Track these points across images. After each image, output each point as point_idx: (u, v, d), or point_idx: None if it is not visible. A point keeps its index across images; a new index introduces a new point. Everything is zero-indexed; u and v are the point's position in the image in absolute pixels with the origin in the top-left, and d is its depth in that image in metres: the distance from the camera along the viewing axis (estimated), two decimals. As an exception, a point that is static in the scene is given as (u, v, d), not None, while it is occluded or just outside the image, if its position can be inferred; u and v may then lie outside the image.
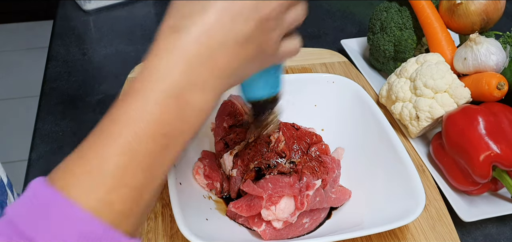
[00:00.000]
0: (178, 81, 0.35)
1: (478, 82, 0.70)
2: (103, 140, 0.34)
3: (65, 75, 0.89)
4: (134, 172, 0.34)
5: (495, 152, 0.61)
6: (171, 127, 0.35)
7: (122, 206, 0.34)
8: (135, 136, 0.34)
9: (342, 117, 0.72)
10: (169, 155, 0.36)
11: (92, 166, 0.33)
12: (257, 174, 0.60)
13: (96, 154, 0.34)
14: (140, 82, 0.35)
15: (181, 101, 0.35)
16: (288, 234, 0.58)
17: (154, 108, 0.34)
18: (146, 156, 0.34)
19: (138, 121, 0.34)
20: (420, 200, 0.56)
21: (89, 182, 0.33)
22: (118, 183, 0.33)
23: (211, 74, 0.36)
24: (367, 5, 1.15)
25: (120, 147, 0.33)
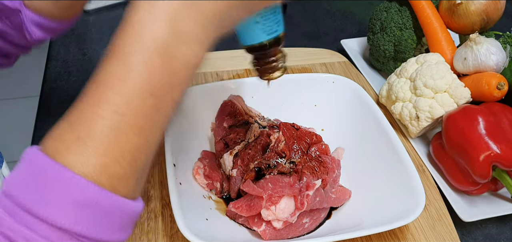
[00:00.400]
0: (162, 36, 0.33)
1: (478, 82, 0.70)
2: (89, 105, 0.33)
3: (65, 75, 0.89)
4: (125, 134, 0.33)
5: (495, 152, 0.61)
6: (159, 85, 0.33)
7: (117, 169, 0.33)
8: (122, 98, 0.33)
9: (342, 117, 0.72)
10: (160, 114, 0.35)
11: (81, 132, 0.32)
12: (257, 174, 0.60)
13: (84, 119, 0.33)
14: (122, 41, 0.34)
15: (166, 57, 0.33)
16: (288, 234, 0.58)
17: (139, 67, 0.33)
18: (136, 116, 0.33)
19: (124, 82, 0.33)
20: (420, 200, 0.56)
21: (80, 148, 0.32)
22: (109, 146, 0.32)
23: (196, 23, 0.34)
24: (367, 5, 1.15)
25: (107, 110, 0.32)
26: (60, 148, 0.32)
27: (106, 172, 0.32)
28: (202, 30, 0.35)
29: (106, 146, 0.32)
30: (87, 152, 0.32)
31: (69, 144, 0.32)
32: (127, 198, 0.33)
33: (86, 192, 0.31)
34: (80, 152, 0.32)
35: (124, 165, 0.33)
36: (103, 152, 0.32)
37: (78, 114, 0.34)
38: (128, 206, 0.33)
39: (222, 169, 0.65)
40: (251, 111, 0.70)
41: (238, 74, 0.85)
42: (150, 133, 0.34)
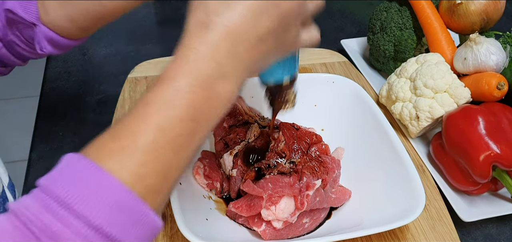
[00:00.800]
0: (207, 72, 0.38)
1: (478, 82, 0.70)
2: (136, 120, 0.36)
3: (65, 75, 0.89)
4: (164, 151, 0.36)
5: (495, 152, 0.61)
6: (199, 112, 0.38)
7: (152, 181, 0.36)
8: (167, 118, 0.36)
9: (342, 117, 0.72)
10: (195, 139, 0.38)
11: (125, 142, 0.35)
12: (257, 174, 0.60)
13: (129, 131, 0.36)
14: (173, 71, 0.38)
15: (209, 90, 0.38)
16: (288, 234, 0.58)
17: (185, 95, 0.37)
18: (176, 137, 0.37)
19: (170, 105, 0.37)
20: (420, 200, 0.56)
21: (122, 155, 0.35)
22: (149, 158, 0.35)
23: (235, 66, 0.39)
24: (367, 5, 1.15)
25: (152, 126, 0.36)
26: (102, 154, 0.35)
27: (142, 182, 0.35)
28: (238, 72, 0.40)
29: (145, 158, 0.35)
30: (128, 161, 0.35)
31: (112, 151, 0.35)
32: (154, 212, 0.36)
33: (121, 196, 0.33)
34: (121, 159, 0.35)
35: (158, 178, 0.36)
36: (142, 163, 0.35)
37: (124, 127, 0.36)
38: (154, 220, 0.36)
39: (222, 169, 0.65)
40: (251, 111, 0.70)
41: (238, 74, 0.85)
42: (184, 153, 0.38)
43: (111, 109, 0.77)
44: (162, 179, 0.36)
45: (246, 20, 0.39)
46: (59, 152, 0.73)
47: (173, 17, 1.08)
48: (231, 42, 0.39)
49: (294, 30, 0.43)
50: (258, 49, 0.40)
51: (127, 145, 0.35)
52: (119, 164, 0.34)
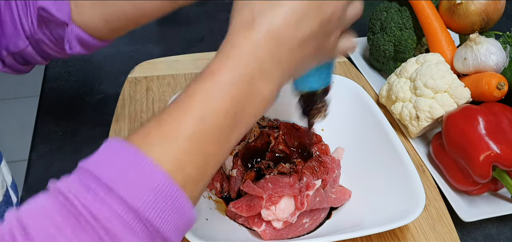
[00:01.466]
0: (250, 69, 0.39)
1: (478, 82, 0.70)
2: (180, 110, 0.37)
3: (65, 75, 0.89)
4: (205, 142, 0.37)
5: (495, 152, 0.61)
6: (241, 108, 0.39)
7: (192, 170, 0.36)
8: (209, 110, 0.37)
9: (342, 117, 0.72)
10: (235, 133, 0.39)
11: (168, 130, 0.36)
12: (257, 174, 0.60)
13: (173, 120, 0.37)
14: (217, 65, 0.39)
15: (251, 87, 0.39)
16: (288, 234, 0.58)
17: (229, 89, 0.38)
18: (217, 129, 0.37)
19: (213, 97, 0.37)
20: (420, 200, 0.56)
21: (165, 143, 0.36)
22: (191, 148, 0.36)
23: (276, 67, 0.40)
24: (367, 5, 1.14)
25: (195, 117, 0.37)
26: (145, 141, 0.36)
27: (182, 171, 0.36)
28: (280, 74, 0.41)
29: (187, 147, 0.36)
30: (170, 149, 0.36)
31: (155, 139, 0.36)
32: (192, 202, 0.36)
33: (162, 182, 0.34)
34: (164, 147, 0.36)
35: (198, 168, 0.37)
36: (184, 152, 0.36)
37: (167, 117, 0.37)
38: (191, 211, 0.36)
39: (222, 169, 0.65)
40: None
41: (238, 74, 0.85)
42: (223, 147, 0.39)
43: (111, 110, 0.77)
44: (202, 170, 0.37)
45: (289, 22, 0.39)
46: (59, 152, 0.73)
47: (173, 17, 1.08)
48: (274, 43, 0.39)
49: (334, 36, 0.44)
50: (299, 53, 0.41)
51: (170, 133, 0.36)
52: (161, 152, 0.35)
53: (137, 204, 0.33)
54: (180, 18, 1.07)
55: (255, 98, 0.39)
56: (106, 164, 0.34)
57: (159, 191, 0.34)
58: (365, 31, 0.92)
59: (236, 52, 0.39)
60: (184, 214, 0.35)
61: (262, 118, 0.70)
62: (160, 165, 0.34)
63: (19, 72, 0.62)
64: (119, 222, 0.32)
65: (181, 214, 0.35)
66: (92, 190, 0.33)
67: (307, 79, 0.51)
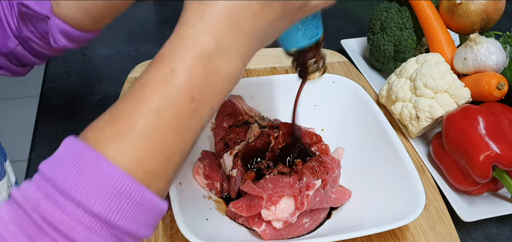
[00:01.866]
0: (206, 48, 0.36)
1: (478, 82, 0.70)
2: (132, 102, 0.36)
3: (65, 75, 0.89)
4: (163, 133, 0.35)
5: (495, 152, 0.61)
6: (199, 92, 0.36)
7: (152, 165, 0.35)
8: (164, 99, 0.35)
9: (342, 117, 0.72)
10: (197, 119, 0.37)
11: (122, 126, 0.35)
12: (257, 174, 0.60)
13: (126, 114, 0.35)
14: (169, 49, 0.36)
15: (208, 68, 0.36)
16: (288, 234, 0.58)
17: (182, 74, 0.35)
18: (175, 118, 0.35)
19: (166, 85, 0.35)
20: (420, 200, 0.56)
21: (120, 140, 0.34)
22: (148, 142, 0.34)
23: (237, 39, 0.37)
24: (367, 5, 1.15)
25: (149, 108, 0.35)
26: (101, 139, 0.34)
27: (142, 167, 0.34)
28: (243, 45, 0.38)
29: (144, 142, 0.34)
30: (126, 146, 0.34)
31: (110, 136, 0.34)
32: (157, 196, 0.35)
33: (121, 183, 0.33)
34: (120, 144, 0.34)
35: (158, 161, 0.35)
36: (141, 147, 0.34)
37: (121, 110, 0.36)
38: (157, 203, 0.35)
39: (222, 169, 0.65)
40: (251, 111, 0.70)
41: (238, 74, 0.85)
42: (186, 135, 0.37)
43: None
44: (164, 162, 0.35)
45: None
46: (59, 152, 0.73)
47: (173, 17, 1.08)
48: (230, 13, 0.36)
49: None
50: (262, 17, 0.38)
51: (125, 129, 0.34)
52: (118, 150, 0.34)
53: (97, 208, 0.32)
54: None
55: (216, 77, 0.37)
56: (64, 168, 0.33)
57: (119, 191, 0.33)
58: (365, 31, 0.92)
59: (189, 31, 0.36)
60: (150, 208, 0.34)
61: (262, 118, 0.70)
62: (118, 164, 0.33)
63: (17, 74, 0.62)
64: (82, 228, 0.31)
65: (146, 209, 0.34)
66: (51, 197, 0.32)
67: (292, 37, 0.48)
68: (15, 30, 0.56)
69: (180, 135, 0.36)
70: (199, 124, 0.37)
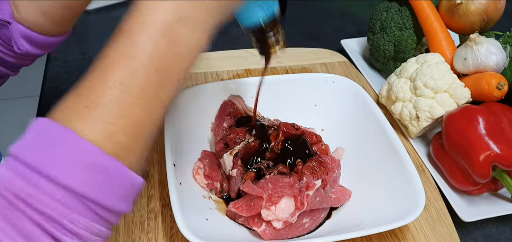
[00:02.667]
0: (167, 19, 0.36)
1: (478, 82, 0.70)
2: (97, 77, 0.36)
3: (65, 75, 0.89)
4: (130, 106, 0.35)
5: (495, 152, 0.61)
6: (163, 62, 0.36)
7: (122, 137, 0.35)
8: (127, 71, 0.35)
9: (342, 117, 0.72)
10: (164, 90, 0.37)
11: (89, 101, 0.35)
12: (257, 174, 0.60)
13: (91, 90, 0.35)
14: (130, 22, 0.37)
15: (171, 38, 0.36)
16: (288, 234, 0.58)
17: (144, 45, 0.35)
18: (141, 90, 0.35)
19: (130, 57, 0.35)
20: (420, 200, 0.56)
21: (87, 115, 0.34)
22: (115, 115, 0.35)
23: (200, 9, 0.37)
24: (367, 5, 1.15)
25: (114, 82, 0.35)
26: (67, 115, 0.35)
27: (111, 139, 0.34)
28: (206, 16, 0.38)
29: (111, 114, 0.34)
30: (93, 119, 0.34)
31: (77, 112, 0.35)
32: (130, 169, 0.35)
33: (91, 156, 0.33)
34: (87, 119, 0.34)
35: (128, 134, 0.35)
36: (109, 120, 0.34)
37: (86, 86, 0.36)
38: (131, 176, 0.35)
39: (222, 169, 0.65)
40: (251, 111, 0.70)
41: (238, 74, 0.85)
42: (154, 108, 0.37)
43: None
44: (134, 135, 0.36)
45: None
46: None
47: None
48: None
49: None
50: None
51: (91, 104, 0.34)
52: (85, 123, 0.34)
53: (70, 182, 0.32)
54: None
55: (179, 48, 0.37)
56: (34, 146, 0.33)
57: (90, 164, 0.33)
58: (365, 31, 0.92)
59: (150, 4, 0.36)
60: (123, 181, 0.34)
61: (262, 118, 0.70)
62: (86, 138, 0.33)
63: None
64: (56, 202, 0.31)
65: (119, 182, 0.34)
66: (23, 175, 0.32)
67: (249, 12, 0.49)
68: None
69: (146, 106, 0.36)
70: (165, 94, 0.37)
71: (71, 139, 0.33)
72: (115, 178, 0.34)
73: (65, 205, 0.32)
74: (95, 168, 0.33)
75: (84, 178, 0.32)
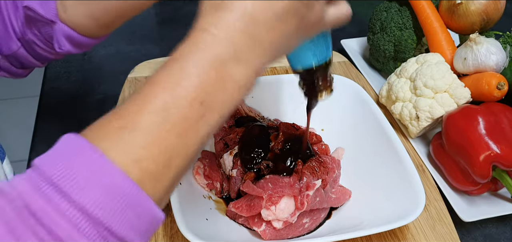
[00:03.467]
0: (220, 53, 0.35)
1: (478, 82, 0.70)
2: (139, 100, 0.34)
3: (65, 75, 0.89)
4: (167, 134, 0.33)
5: (495, 152, 0.61)
6: (210, 96, 0.35)
7: (151, 165, 0.33)
8: (172, 99, 0.34)
9: (342, 117, 0.72)
10: (205, 125, 0.35)
11: (125, 122, 0.33)
12: (257, 174, 0.60)
13: (131, 111, 0.34)
14: (183, 51, 0.36)
15: (222, 73, 0.35)
16: (288, 234, 0.58)
17: (194, 76, 0.35)
18: (181, 120, 0.34)
19: (177, 85, 0.34)
20: (420, 200, 0.56)
21: (119, 136, 0.33)
22: (149, 141, 0.33)
23: (253, 49, 0.37)
24: (367, 5, 1.14)
25: (155, 107, 0.33)
26: (99, 134, 0.33)
27: (139, 165, 0.32)
28: (258, 56, 0.37)
29: (145, 139, 0.33)
30: (124, 141, 0.32)
31: (110, 131, 0.33)
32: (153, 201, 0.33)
33: (112, 178, 0.31)
34: (118, 140, 0.32)
35: (158, 163, 0.33)
36: (141, 144, 0.33)
37: (126, 108, 0.34)
38: (152, 209, 0.33)
39: (222, 169, 0.65)
40: (251, 111, 0.70)
41: (238, 74, 0.85)
42: (191, 141, 0.35)
43: (111, 110, 0.77)
44: (164, 164, 0.34)
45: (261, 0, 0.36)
46: (59, 152, 0.73)
47: (173, 17, 1.08)
48: (247, 22, 0.36)
49: (318, 6, 0.40)
50: (278, 30, 0.38)
51: (126, 125, 0.33)
52: (115, 145, 0.32)
53: (84, 202, 0.30)
54: (180, 18, 1.07)
55: (228, 84, 0.36)
56: (54, 159, 0.31)
57: (111, 188, 0.31)
58: (365, 31, 0.92)
59: (206, 36, 0.36)
60: (143, 212, 0.32)
61: (262, 118, 0.70)
62: (112, 159, 0.31)
63: (17, 76, 0.61)
64: (66, 222, 0.29)
65: (139, 212, 0.32)
66: (41, 190, 0.30)
67: (302, 56, 0.48)
68: (19, 32, 0.56)
69: (184, 138, 0.34)
70: (205, 129, 0.36)
71: (95, 157, 0.31)
72: (134, 207, 0.32)
73: (75, 227, 0.30)
74: (115, 192, 0.31)
75: (101, 200, 0.30)
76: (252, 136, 0.64)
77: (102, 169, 0.31)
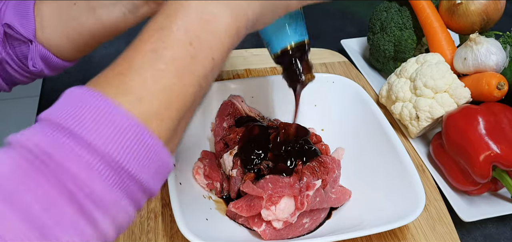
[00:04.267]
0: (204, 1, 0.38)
1: (478, 82, 0.70)
2: (132, 49, 0.37)
3: (65, 75, 0.89)
4: (163, 73, 0.35)
5: (495, 152, 0.61)
6: (198, 38, 0.37)
7: (152, 103, 0.35)
8: (162, 42, 0.36)
9: (342, 117, 0.72)
10: (198, 66, 0.37)
11: (122, 68, 0.36)
12: (257, 174, 0.60)
13: (126, 58, 0.36)
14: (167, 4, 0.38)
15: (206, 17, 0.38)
16: (288, 234, 0.58)
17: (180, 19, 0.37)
18: (173, 59, 0.36)
19: (165, 30, 0.37)
20: (420, 200, 0.56)
21: (119, 81, 0.35)
22: (146, 79, 0.35)
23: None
24: (367, 5, 1.15)
25: (147, 50, 0.36)
26: (100, 82, 0.35)
27: (141, 104, 0.34)
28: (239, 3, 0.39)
29: (143, 79, 0.35)
30: (124, 84, 0.35)
31: (109, 78, 0.35)
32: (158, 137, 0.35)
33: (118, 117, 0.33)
34: (118, 84, 0.35)
35: (160, 100, 0.35)
36: (140, 84, 0.35)
37: (122, 57, 0.37)
38: (159, 148, 0.34)
39: (222, 169, 0.65)
40: (251, 111, 0.70)
41: (238, 74, 0.85)
42: (187, 79, 0.37)
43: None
44: (164, 103, 0.35)
45: None
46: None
47: (173, 17, 1.08)
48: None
49: None
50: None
51: (124, 70, 0.35)
52: (115, 88, 0.34)
53: (95, 141, 0.31)
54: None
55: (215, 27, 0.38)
56: (63, 109, 0.33)
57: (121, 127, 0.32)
58: (365, 31, 0.92)
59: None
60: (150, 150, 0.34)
61: (262, 118, 0.70)
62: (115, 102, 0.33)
63: None
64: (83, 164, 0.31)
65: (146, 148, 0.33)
66: (51, 135, 0.32)
67: (279, 38, 0.51)
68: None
69: (179, 76, 0.36)
70: (201, 71, 0.37)
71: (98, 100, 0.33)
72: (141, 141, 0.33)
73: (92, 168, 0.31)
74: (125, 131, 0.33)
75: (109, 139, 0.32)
76: (252, 136, 0.64)
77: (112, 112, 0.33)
